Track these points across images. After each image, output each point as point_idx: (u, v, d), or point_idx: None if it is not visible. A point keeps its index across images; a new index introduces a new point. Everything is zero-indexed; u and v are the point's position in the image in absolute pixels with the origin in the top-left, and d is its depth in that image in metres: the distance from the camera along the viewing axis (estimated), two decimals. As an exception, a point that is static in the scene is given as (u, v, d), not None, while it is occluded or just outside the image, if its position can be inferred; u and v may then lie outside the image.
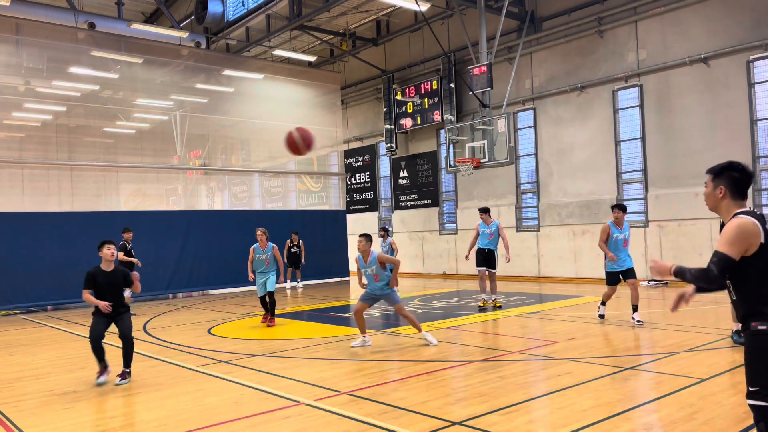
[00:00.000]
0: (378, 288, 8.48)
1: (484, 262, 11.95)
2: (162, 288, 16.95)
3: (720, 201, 3.54)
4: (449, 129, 17.71)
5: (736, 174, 3.55)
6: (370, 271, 8.43)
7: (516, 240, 18.65)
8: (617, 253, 9.57)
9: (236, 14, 22.48)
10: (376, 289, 8.51)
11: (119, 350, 7.03)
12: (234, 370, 7.36)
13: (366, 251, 8.48)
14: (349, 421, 5.18)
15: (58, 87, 17.46)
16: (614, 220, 9.64)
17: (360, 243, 8.54)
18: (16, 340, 10.67)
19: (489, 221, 12.00)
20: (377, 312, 12.57)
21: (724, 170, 3.64)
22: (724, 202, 3.52)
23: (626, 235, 9.65)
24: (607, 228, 9.61)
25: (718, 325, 9.40)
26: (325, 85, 22.01)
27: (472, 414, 5.22)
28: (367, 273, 8.49)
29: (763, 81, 13.84)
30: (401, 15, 21.27)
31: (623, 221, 9.64)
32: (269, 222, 18.81)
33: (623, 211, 9.67)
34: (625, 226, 9.68)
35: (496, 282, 12.25)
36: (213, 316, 12.88)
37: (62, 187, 16.74)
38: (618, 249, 9.58)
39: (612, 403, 5.37)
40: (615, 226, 9.63)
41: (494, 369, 6.87)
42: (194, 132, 19.51)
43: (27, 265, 14.89)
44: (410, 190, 22.22)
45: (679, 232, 15.02)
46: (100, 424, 5.47)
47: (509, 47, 18.44)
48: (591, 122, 16.85)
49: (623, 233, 9.62)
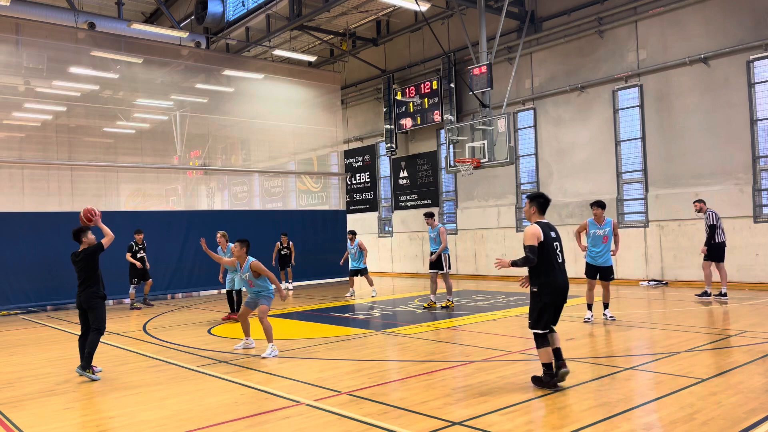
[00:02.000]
0: (253, 292, 8.53)
1: (435, 264, 12.26)
2: (162, 288, 16.94)
3: (531, 215, 6.27)
4: (449, 129, 17.71)
5: (542, 200, 6.26)
6: (245, 277, 8.50)
7: (516, 240, 18.67)
8: (595, 247, 9.90)
9: (236, 14, 22.48)
10: (251, 293, 8.57)
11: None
12: (234, 370, 7.36)
13: (241, 257, 8.49)
14: (349, 421, 5.17)
15: (58, 87, 17.45)
16: (594, 217, 9.97)
17: (234, 249, 8.53)
18: (16, 340, 10.67)
19: (434, 225, 12.33)
20: (377, 312, 12.57)
21: (536, 197, 6.27)
22: (534, 216, 6.24)
23: (606, 232, 9.86)
24: (585, 224, 10.06)
25: (718, 325, 9.40)
26: (325, 85, 22.00)
27: (472, 414, 5.22)
28: (243, 278, 8.57)
29: (763, 81, 13.84)
30: (401, 15, 21.27)
31: (602, 218, 9.93)
32: (269, 222, 18.91)
33: (602, 208, 9.95)
34: (607, 222, 9.91)
35: (449, 282, 12.46)
36: (213, 316, 12.88)
37: (62, 187, 16.73)
38: (596, 244, 9.90)
39: (612, 403, 5.36)
40: (594, 222, 9.95)
41: (494, 369, 6.87)
42: (194, 132, 19.50)
43: (27, 265, 14.89)
44: (410, 190, 22.22)
45: (679, 232, 15.01)
46: (100, 424, 5.47)
47: (509, 47, 18.44)
48: (591, 122, 16.85)
49: (602, 229, 9.87)
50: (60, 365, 8.10)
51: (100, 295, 7.32)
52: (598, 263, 9.94)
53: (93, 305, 7.25)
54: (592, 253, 9.97)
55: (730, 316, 10.19)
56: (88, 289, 7.25)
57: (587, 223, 10.03)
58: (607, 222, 9.93)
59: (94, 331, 7.23)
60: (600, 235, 9.88)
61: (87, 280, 7.26)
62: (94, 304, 7.25)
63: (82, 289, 7.28)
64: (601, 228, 9.90)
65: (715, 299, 11.88)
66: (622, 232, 16.06)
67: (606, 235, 9.88)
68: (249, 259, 8.49)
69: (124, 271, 14.65)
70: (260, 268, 8.37)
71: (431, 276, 12.42)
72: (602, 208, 9.98)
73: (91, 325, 7.26)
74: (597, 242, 9.92)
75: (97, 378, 7.11)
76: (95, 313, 7.25)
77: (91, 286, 7.25)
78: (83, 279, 7.27)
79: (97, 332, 7.25)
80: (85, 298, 7.26)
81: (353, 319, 11.96)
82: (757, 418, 4.86)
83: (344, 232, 21.41)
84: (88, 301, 7.26)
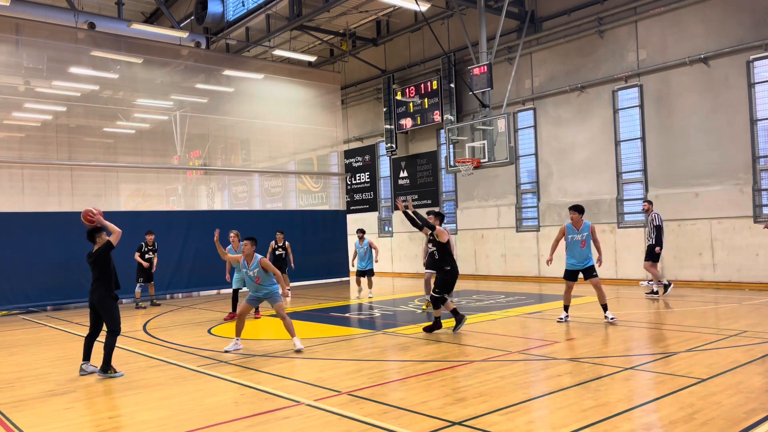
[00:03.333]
0: (257, 290, 8.59)
1: (433, 265, 11.76)
2: (162, 288, 16.93)
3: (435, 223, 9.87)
4: (449, 129, 17.71)
5: (443, 215, 11.04)
6: (253, 274, 8.54)
7: (516, 240, 18.67)
8: (574, 252, 9.78)
9: (236, 14, 22.48)
10: (258, 290, 8.60)
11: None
12: (234, 370, 7.36)
13: (250, 255, 8.60)
14: (349, 421, 5.17)
15: (58, 87, 17.45)
16: (571, 222, 9.84)
17: (245, 246, 8.65)
18: (16, 340, 10.67)
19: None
20: (377, 312, 12.57)
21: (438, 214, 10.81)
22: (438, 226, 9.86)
23: (584, 236, 9.74)
24: (563, 228, 9.94)
25: (718, 325, 9.40)
26: (325, 85, 22.01)
27: (472, 414, 5.22)
28: (250, 275, 8.60)
29: (763, 81, 13.84)
30: (401, 15, 21.27)
31: (580, 222, 9.78)
32: (269, 222, 18.88)
33: (579, 213, 9.83)
34: (585, 227, 9.76)
35: None
36: (213, 316, 12.88)
37: (62, 187, 16.74)
38: (575, 249, 9.79)
39: (612, 403, 5.36)
40: (572, 227, 9.82)
41: (494, 369, 6.87)
42: (194, 132, 19.51)
43: (27, 265, 14.89)
44: (410, 190, 22.22)
45: (679, 232, 15.01)
46: (100, 424, 5.47)
47: (509, 47, 18.44)
48: (591, 122, 16.85)
49: (580, 234, 9.75)
50: (60, 365, 8.10)
51: (112, 295, 7.36)
52: (576, 267, 9.84)
53: (106, 307, 7.31)
54: (570, 261, 9.86)
55: (730, 316, 10.19)
56: (101, 287, 7.29)
57: (565, 228, 9.91)
58: (585, 226, 9.77)
59: (110, 332, 7.29)
60: (578, 240, 9.75)
61: (99, 279, 7.30)
62: (107, 306, 7.30)
63: (94, 288, 7.32)
64: (579, 233, 9.77)
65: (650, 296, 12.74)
66: (622, 232, 16.08)
67: (584, 239, 9.73)
68: (257, 256, 8.58)
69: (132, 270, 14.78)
70: (268, 265, 8.52)
71: (426, 276, 12.17)
72: (580, 213, 9.83)
73: (107, 326, 7.32)
74: (574, 248, 9.78)
75: (120, 374, 7.17)
76: (108, 315, 7.31)
77: (103, 284, 7.28)
78: (96, 277, 7.33)
79: (112, 333, 7.29)
80: (98, 299, 7.29)
81: (353, 319, 11.96)
82: (757, 418, 4.86)
83: (344, 233, 21.47)
84: (100, 303, 7.30)
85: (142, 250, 14.77)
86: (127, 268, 14.89)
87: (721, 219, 14.31)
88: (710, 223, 14.47)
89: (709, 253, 14.53)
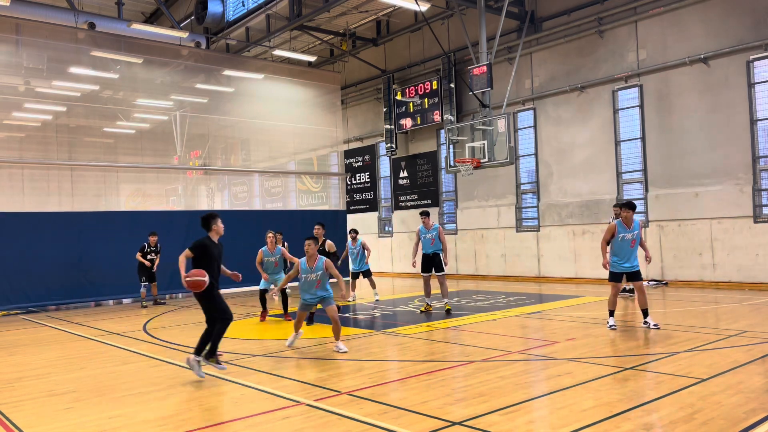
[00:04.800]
0: (319, 292, 8.19)
1: (429, 266, 11.76)
2: (162, 288, 16.90)
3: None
4: (449, 129, 17.71)
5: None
6: (315, 277, 8.07)
7: (516, 240, 18.67)
8: (624, 252, 9.05)
9: (236, 14, 22.48)
10: (315, 294, 8.18)
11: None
12: (234, 370, 7.35)
13: (314, 256, 8.08)
14: (349, 421, 5.17)
15: (58, 87, 17.45)
16: (623, 220, 9.03)
17: (309, 246, 8.06)
18: (16, 340, 10.67)
19: (429, 225, 11.72)
20: (377, 312, 12.57)
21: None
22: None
23: (635, 235, 9.00)
24: (613, 227, 9.08)
25: (718, 325, 9.40)
26: (325, 85, 21.99)
27: (472, 414, 5.22)
28: (311, 279, 8.09)
29: (763, 81, 13.84)
30: (401, 15, 21.27)
31: (632, 220, 9.03)
32: (269, 222, 18.86)
33: (632, 210, 9.03)
34: (635, 225, 9.03)
35: (446, 285, 11.80)
36: (213, 316, 12.85)
37: (62, 187, 16.74)
38: (625, 249, 9.05)
39: (612, 403, 5.37)
40: (623, 225, 9.04)
41: (494, 369, 6.87)
42: (194, 132, 19.50)
43: (27, 265, 14.89)
44: (410, 190, 22.22)
45: (679, 232, 15.01)
46: (100, 424, 5.47)
47: (509, 47, 18.44)
48: (591, 122, 16.85)
49: (631, 233, 8.99)
50: (60, 365, 8.10)
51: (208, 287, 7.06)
52: (625, 269, 9.13)
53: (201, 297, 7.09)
54: (619, 262, 9.11)
55: (730, 316, 10.19)
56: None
57: (615, 227, 9.03)
58: (635, 224, 9.04)
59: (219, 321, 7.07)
60: (629, 239, 8.99)
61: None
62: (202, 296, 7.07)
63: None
64: (630, 231, 8.99)
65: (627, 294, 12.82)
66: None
67: (634, 239, 9.00)
68: (321, 258, 8.06)
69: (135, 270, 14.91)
70: (332, 266, 8.16)
71: (424, 278, 11.91)
72: (633, 210, 9.03)
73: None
74: (624, 247, 9.01)
75: (224, 367, 7.05)
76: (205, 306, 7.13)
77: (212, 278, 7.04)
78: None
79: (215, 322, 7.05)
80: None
81: (353, 319, 11.95)
82: (757, 418, 4.86)
83: (344, 233, 21.42)
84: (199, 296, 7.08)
85: (144, 251, 14.87)
86: (130, 268, 14.97)
87: (721, 219, 14.31)
88: (710, 223, 14.47)
89: (709, 253, 14.53)
